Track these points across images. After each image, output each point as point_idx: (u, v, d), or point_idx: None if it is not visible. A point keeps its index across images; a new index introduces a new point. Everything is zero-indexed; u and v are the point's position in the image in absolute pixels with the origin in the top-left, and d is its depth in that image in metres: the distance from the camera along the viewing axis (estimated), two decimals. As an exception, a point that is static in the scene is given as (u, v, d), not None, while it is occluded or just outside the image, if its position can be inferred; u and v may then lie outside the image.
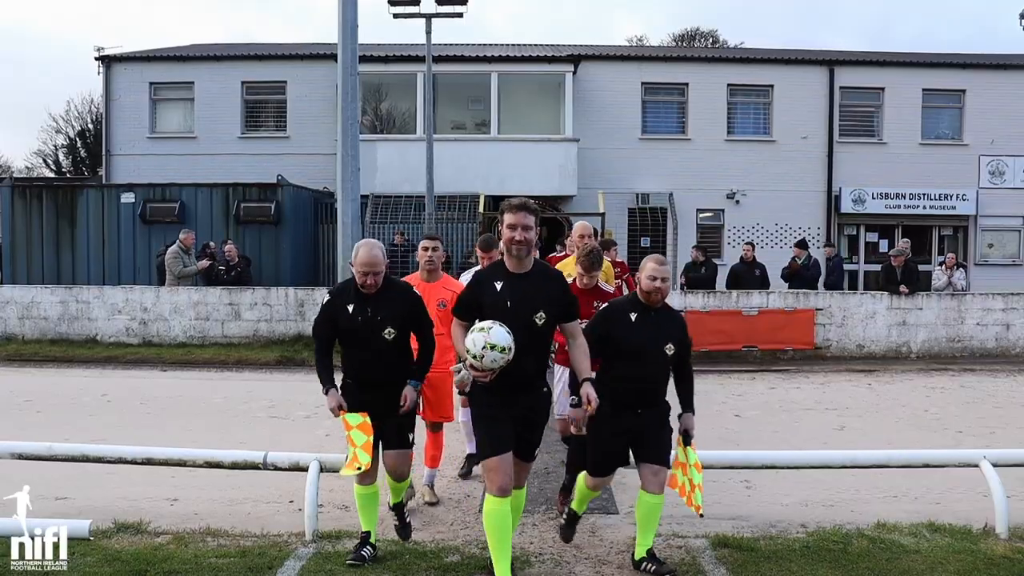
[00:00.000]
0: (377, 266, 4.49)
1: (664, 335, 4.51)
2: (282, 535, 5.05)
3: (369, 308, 4.54)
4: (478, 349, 4.02)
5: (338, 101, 14.52)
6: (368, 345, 4.56)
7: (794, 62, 22.21)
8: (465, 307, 4.33)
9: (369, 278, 4.50)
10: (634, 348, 4.46)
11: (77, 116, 40.38)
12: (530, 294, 4.19)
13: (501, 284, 4.23)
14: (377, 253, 4.51)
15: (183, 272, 14.52)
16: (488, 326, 4.06)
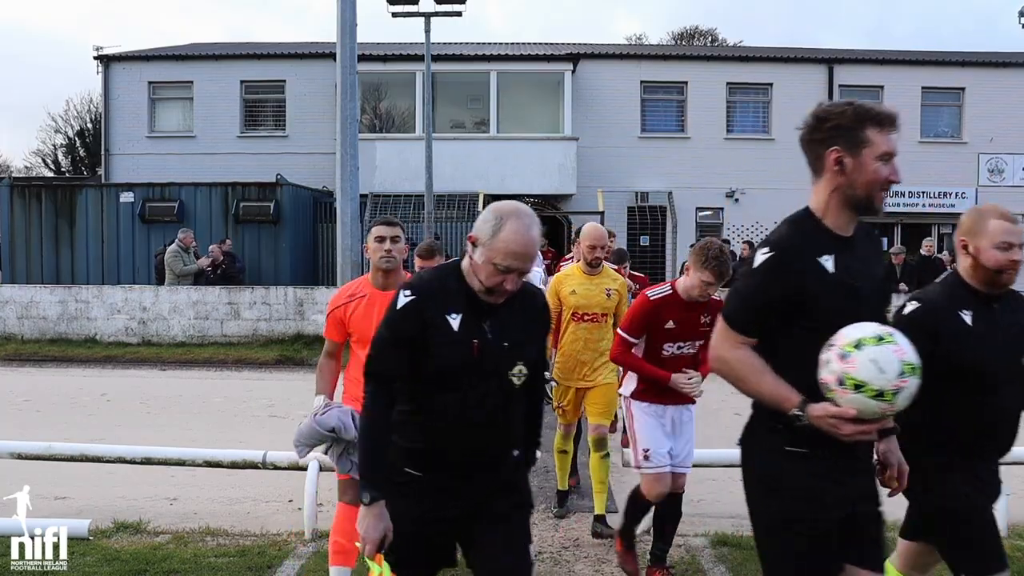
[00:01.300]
0: (532, 258, 2.49)
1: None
2: (281, 534, 5.05)
3: (490, 327, 2.53)
4: (893, 376, 2.21)
5: (337, 100, 14.53)
6: (478, 392, 2.53)
7: (793, 60, 22.21)
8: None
9: (510, 280, 2.47)
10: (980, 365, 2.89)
11: (76, 116, 40.40)
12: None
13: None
14: (536, 235, 2.47)
15: (183, 271, 14.52)
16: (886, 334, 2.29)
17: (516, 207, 2.47)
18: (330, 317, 4.06)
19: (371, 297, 3.94)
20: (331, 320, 4.06)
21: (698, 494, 5.78)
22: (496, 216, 2.44)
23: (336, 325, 4.05)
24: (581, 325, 5.24)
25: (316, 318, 14.21)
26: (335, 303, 4.03)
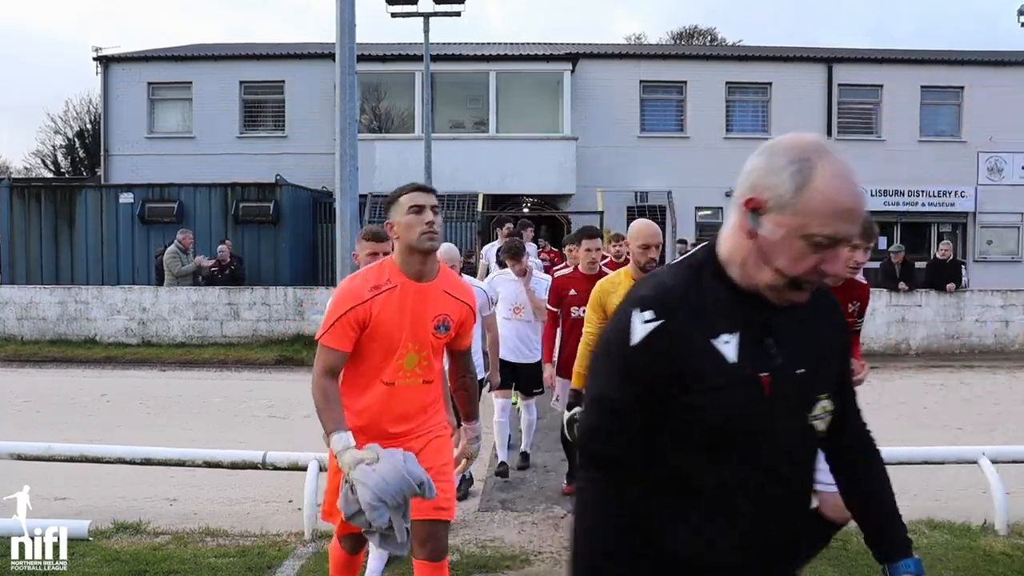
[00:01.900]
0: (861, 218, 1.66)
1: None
2: (281, 535, 5.05)
3: (776, 347, 1.60)
4: None
5: (336, 100, 14.54)
6: (775, 452, 1.61)
7: (792, 59, 22.21)
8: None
9: (834, 260, 1.56)
10: None
11: (75, 116, 40.36)
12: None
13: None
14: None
15: (181, 271, 14.52)
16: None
17: (819, 141, 1.60)
18: (344, 320, 3.00)
19: (403, 288, 3.06)
20: (345, 323, 3.00)
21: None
22: (796, 156, 1.53)
23: (352, 329, 3.01)
24: None
25: (316, 318, 14.19)
26: (353, 299, 3.01)
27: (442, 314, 3.11)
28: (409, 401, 3.14)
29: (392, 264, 3.06)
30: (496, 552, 4.82)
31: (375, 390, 3.10)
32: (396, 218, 3.06)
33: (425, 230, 2.98)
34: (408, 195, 3.06)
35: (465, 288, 3.25)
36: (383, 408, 3.11)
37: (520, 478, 6.43)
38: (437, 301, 3.10)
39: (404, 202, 3.04)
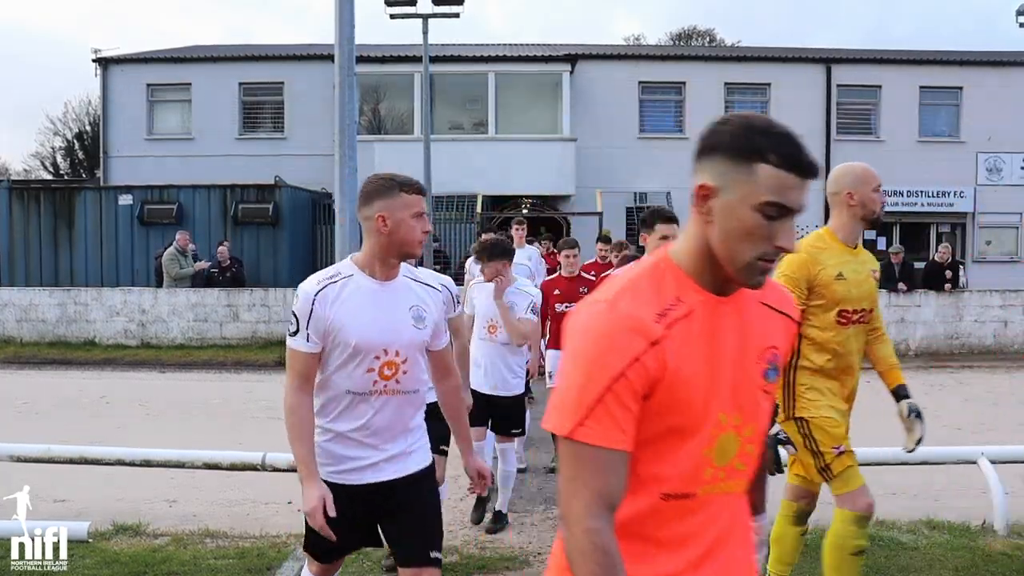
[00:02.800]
0: None
1: None
2: (280, 536, 5.05)
3: None
4: None
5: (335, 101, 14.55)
6: None
7: (791, 60, 22.23)
8: None
9: None
10: None
11: (75, 118, 40.39)
12: None
13: None
14: None
15: (179, 274, 14.52)
16: None
17: None
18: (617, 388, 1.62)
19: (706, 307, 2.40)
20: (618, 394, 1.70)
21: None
22: None
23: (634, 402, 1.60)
24: (848, 329, 3.59)
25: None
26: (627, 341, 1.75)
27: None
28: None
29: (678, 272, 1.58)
30: (495, 553, 4.82)
31: None
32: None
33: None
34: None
35: None
36: None
37: (519, 479, 6.42)
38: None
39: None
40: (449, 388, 3.10)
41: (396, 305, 2.81)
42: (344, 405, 2.81)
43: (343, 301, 2.76)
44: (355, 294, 2.77)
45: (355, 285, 2.78)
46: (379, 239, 2.78)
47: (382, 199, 2.78)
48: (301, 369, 2.77)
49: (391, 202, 2.77)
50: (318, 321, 2.72)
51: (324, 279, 2.80)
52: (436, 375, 3.08)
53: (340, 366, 2.77)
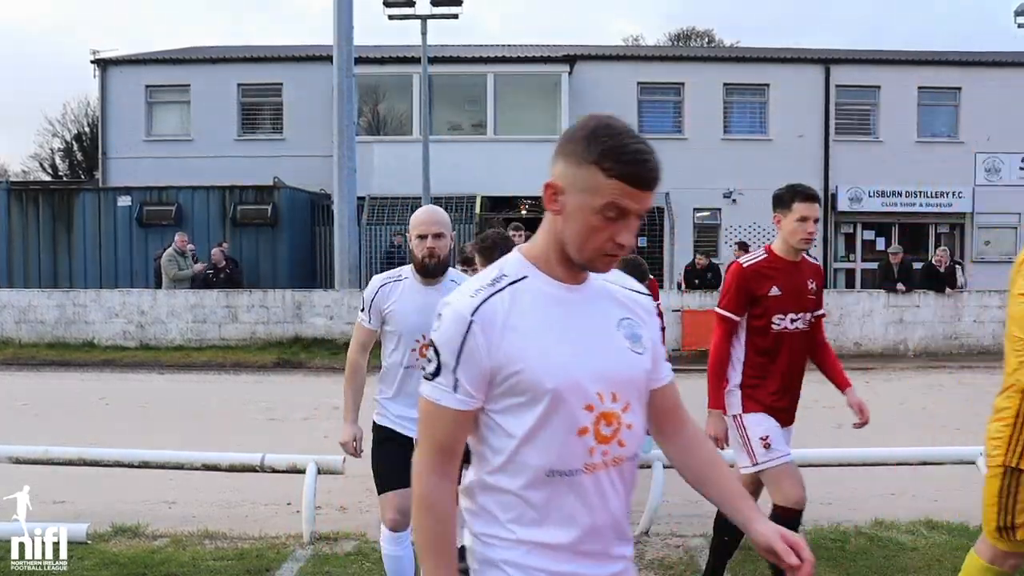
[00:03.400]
0: None
1: None
2: (280, 537, 5.05)
3: None
4: None
5: (334, 103, 14.55)
6: None
7: (790, 61, 22.25)
8: None
9: None
10: None
11: (73, 119, 40.39)
12: None
13: None
14: None
15: (178, 275, 14.52)
16: None
17: None
18: None
19: None
20: None
21: (697, 495, 5.78)
22: None
23: None
24: None
25: (314, 320, 14.21)
26: None
27: None
28: None
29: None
30: (495, 554, 4.81)
31: None
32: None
33: None
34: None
35: None
36: None
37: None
38: None
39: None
40: None
41: None
42: None
43: None
44: None
45: None
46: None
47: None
48: None
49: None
50: None
51: None
52: None
53: None
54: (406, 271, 3.69)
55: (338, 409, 9.62)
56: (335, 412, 9.42)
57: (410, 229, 3.65)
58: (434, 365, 1.65)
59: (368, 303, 3.66)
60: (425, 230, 3.54)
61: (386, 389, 3.75)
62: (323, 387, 11.18)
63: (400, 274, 3.70)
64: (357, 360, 3.78)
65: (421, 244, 3.54)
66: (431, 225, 3.55)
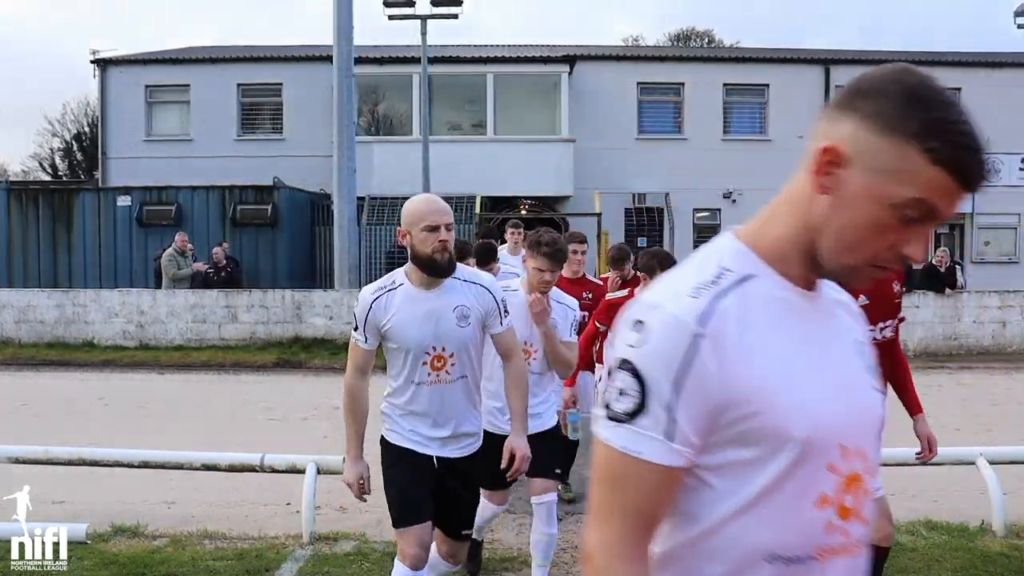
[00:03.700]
0: None
1: None
2: (279, 537, 5.05)
3: None
4: None
5: (334, 103, 14.55)
6: None
7: (790, 61, 22.26)
8: None
9: None
10: None
11: (73, 119, 40.37)
12: None
13: None
14: None
15: (177, 275, 14.52)
16: None
17: None
18: None
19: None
20: None
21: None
22: None
23: None
24: None
25: (314, 320, 14.21)
26: None
27: None
28: None
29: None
30: (495, 554, 4.82)
31: None
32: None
33: None
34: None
35: None
36: None
37: (520, 480, 6.41)
38: None
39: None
40: None
41: None
42: None
43: None
44: None
45: None
46: None
47: None
48: None
49: None
50: None
51: None
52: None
53: None
54: (399, 276, 3.20)
55: (338, 409, 9.64)
56: (335, 412, 9.42)
57: (409, 224, 3.08)
58: (633, 401, 1.12)
59: (362, 321, 3.16)
60: (437, 220, 3.04)
61: (396, 401, 3.28)
62: (323, 387, 11.18)
63: (393, 281, 3.20)
64: (356, 385, 3.26)
65: (431, 237, 3.01)
66: (443, 215, 3.07)
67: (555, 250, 3.86)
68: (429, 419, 3.24)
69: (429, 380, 3.19)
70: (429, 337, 3.14)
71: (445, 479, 3.30)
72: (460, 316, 3.17)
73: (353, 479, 3.39)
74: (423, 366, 3.17)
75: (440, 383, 3.20)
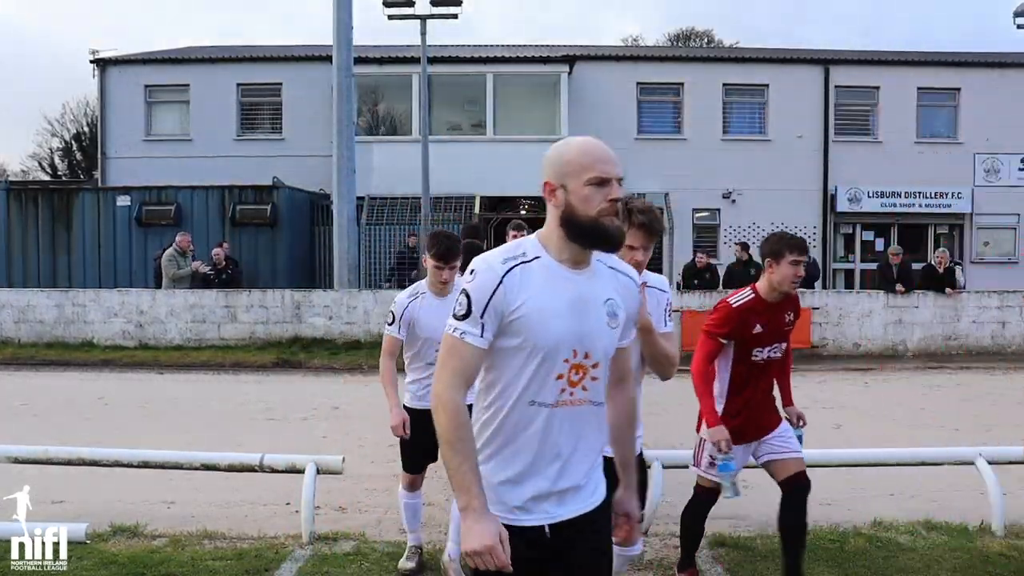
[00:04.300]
0: None
1: None
2: (279, 537, 5.05)
3: None
4: None
5: (334, 103, 14.55)
6: None
7: (789, 61, 22.25)
8: None
9: None
10: None
11: (72, 119, 40.42)
12: None
13: None
14: None
15: (177, 275, 14.51)
16: None
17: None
18: None
19: None
20: None
21: (696, 495, 5.77)
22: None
23: None
24: None
25: (313, 320, 14.21)
26: None
27: None
28: None
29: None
30: None
31: None
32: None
33: None
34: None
35: None
36: None
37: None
38: None
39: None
40: None
41: None
42: None
43: None
44: None
45: None
46: None
47: None
48: None
49: None
50: None
51: None
52: None
53: None
54: (530, 246, 2.25)
55: (338, 409, 9.65)
56: (334, 412, 9.43)
57: (564, 174, 2.22)
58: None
59: (482, 305, 2.10)
60: (607, 171, 2.21)
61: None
62: (322, 387, 11.19)
63: (524, 252, 2.23)
64: (460, 404, 2.13)
65: (599, 195, 2.18)
66: (615, 164, 2.24)
67: (651, 219, 3.21)
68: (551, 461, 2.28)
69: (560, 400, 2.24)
70: (572, 336, 2.22)
71: None
72: (610, 313, 2.29)
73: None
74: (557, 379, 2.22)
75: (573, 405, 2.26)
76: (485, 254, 2.25)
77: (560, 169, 2.23)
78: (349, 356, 13.44)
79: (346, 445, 7.16)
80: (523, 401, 2.20)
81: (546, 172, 2.25)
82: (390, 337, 4.52)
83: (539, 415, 2.21)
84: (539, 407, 2.20)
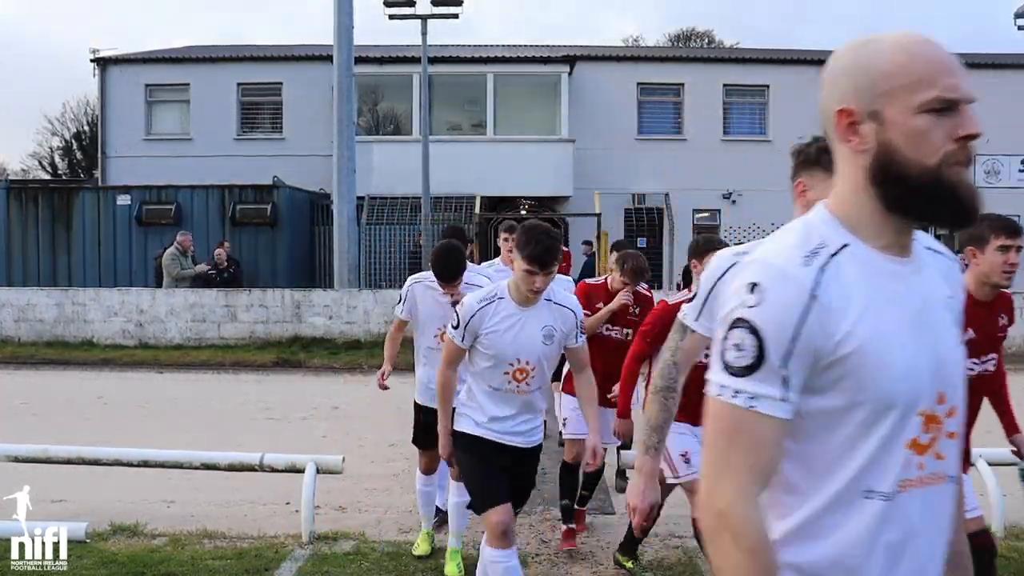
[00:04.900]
0: None
1: None
2: (279, 537, 5.05)
3: None
4: None
5: (334, 102, 14.55)
6: None
7: (790, 62, 22.25)
8: None
9: None
10: None
11: (73, 118, 40.39)
12: None
13: None
14: None
15: (180, 274, 14.51)
16: None
17: None
18: None
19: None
20: None
21: (695, 495, 5.77)
22: None
23: None
24: None
25: (313, 320, 14.21)
26: None
27: None
28: None
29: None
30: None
31: None
32: None
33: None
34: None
35: None
36: None
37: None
38: None
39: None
40: None
41: None
42: None
43: None
44: None
45: None
46: None
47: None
48: None
49: None
50: None
51: None
52: None
53: None
54: (831, 234, 1.48)
55: (337, 409, 9.65)
56: (334, 412, 9.43)
57: (889, 92, 1.29)
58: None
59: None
60: (955, 86, 1.29)
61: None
62: (322, 387, 11.19)
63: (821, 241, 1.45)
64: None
65: (944, 127, 1.30)
66: (963, 75, 1.33)
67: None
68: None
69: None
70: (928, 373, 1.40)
71: None
72: (955, 320, 1.37)
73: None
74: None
75: None
76: (753, 251, 1.38)
77: (870, 84, 1.30)
78: (349, 356, 13.44)
79: (346, 445, 7.16)
80: (851, 493, 1.30)
81: (839, 91, 1.34)
82: (454, 345, 3.57)
83: (870, 511, 1.30)
84: (875, 499, 1.30)
